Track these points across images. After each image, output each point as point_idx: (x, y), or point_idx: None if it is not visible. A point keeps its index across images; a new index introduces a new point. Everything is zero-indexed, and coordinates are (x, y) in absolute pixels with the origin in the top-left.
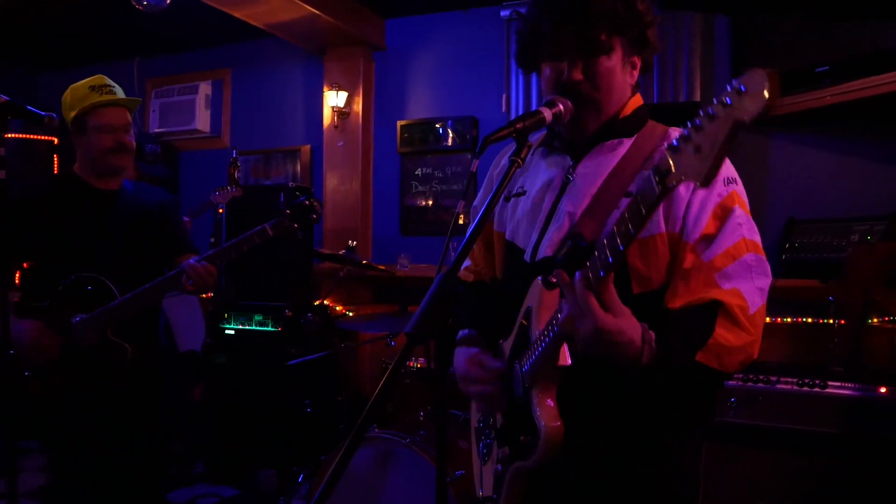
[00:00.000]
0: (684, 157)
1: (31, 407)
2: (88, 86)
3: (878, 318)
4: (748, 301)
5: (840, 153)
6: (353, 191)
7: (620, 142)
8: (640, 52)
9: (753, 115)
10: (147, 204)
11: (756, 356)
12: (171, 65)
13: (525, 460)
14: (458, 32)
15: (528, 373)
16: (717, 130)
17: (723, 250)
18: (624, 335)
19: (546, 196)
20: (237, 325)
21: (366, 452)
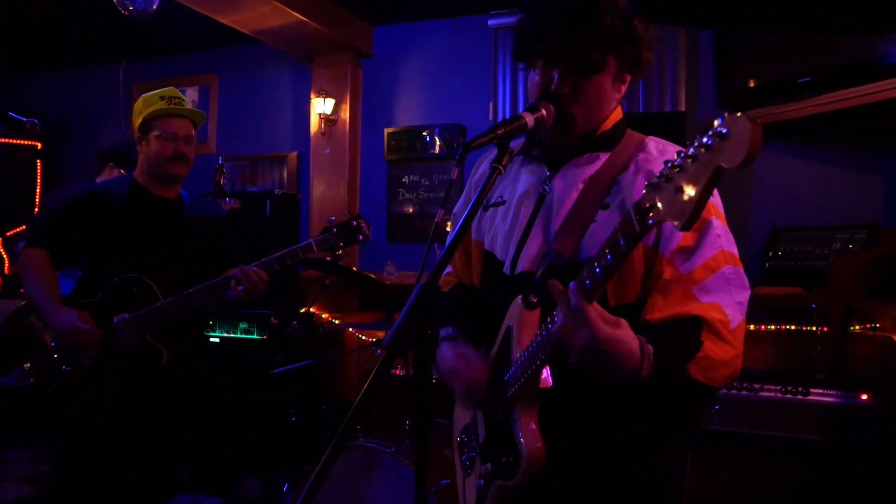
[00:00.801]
0: (665, 196)
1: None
2: (160, 95)
3: (861, 326)
4: (729, 316)
5: (822, 162)
6: (339, 198)
7: (597, 156)
8: (633, 71)
9: (736, 164)
10: (201, 216)
11: (739, 371)
12: (157, 70)
13: (507, 480)
14: (445, 40)
15: (509, 393)
16: (699, 173)
17: (701, 262)
18: (623, 345)
19: (522, 208)
20: (222, 332)
21: (351, 461)
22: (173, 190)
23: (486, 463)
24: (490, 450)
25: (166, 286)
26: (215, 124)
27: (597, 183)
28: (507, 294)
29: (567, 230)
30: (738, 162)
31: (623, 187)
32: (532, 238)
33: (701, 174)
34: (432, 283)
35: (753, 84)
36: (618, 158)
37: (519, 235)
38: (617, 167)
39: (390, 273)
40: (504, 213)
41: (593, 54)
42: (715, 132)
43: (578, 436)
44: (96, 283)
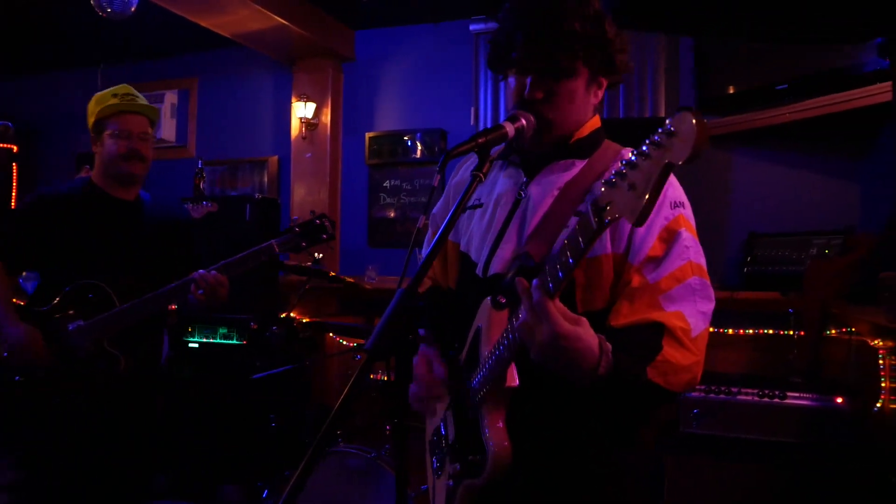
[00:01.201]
0: (620, 193)
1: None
2: (112, 93)
3: (836, 330)
4: (690, 324)
5: (799, 169)
6: (320, 202)
7: (573, 163)
8: (608, 74)
9: (683, 159)
10: (162, 218)
11: (699, 379)
12: (136, 73)
13: (474, 478)
14: (427, 45)
15: (477, 392)
16: (649, 170)
17: (668, 273)
18: (581, 342)
19: (498, 212)
20: (201, 337)
21: (331, 466)
22: (132, 191)
23: (454, 463)
24: (459, 449)
25: (124, 291)
26: (195, 128)
27: (571, 190)
28: (480, 295)
29: (539, 235)
30: (684, 157)
31: None
32: (506, 241)
33: (651, 171)
34: (414, 287)
35: (732, 90)
36: (594, 167)
37: (493, 238)
38: (592, 175)
39: (371, 278)
40: (480, 216)
41: (562, 59)
42: (664, 130)
43: (543, 435)
44: (53, 290)
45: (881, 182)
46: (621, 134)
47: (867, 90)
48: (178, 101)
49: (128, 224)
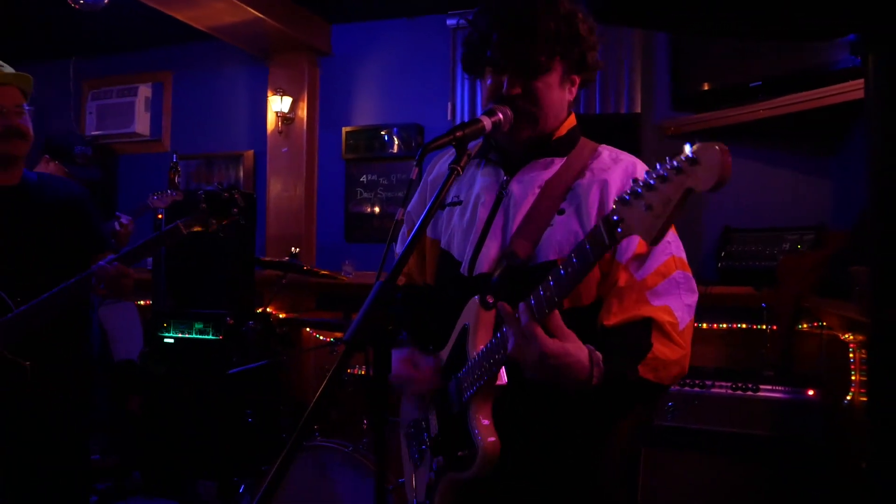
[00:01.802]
0: (635, 212)
1: None
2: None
3: (808, 324)
4: (678, 317)
5: (773, 165)
6: (297, 197)
7: (552, 161)
8: (580, 72)
9: (707, 187)
10: (53, 199)
11: (687, 370)
12: (109, 66)
13: (461, 472)
14: (404, 40)
15: (465, 390)
16: (669, 193)
17: (654, 269)
18: (571, 357)
19: (479, 210)
20: (176, 333)
21: (309, 461)
22: (13, 174)
23: (437, 456)
24: (442, 443)
25: (20, 291)
26: (170, 121)
27: (553, 188)
28: (465, 294)
29: (523, 233)
30: (709, 186)
31: (579, 193)
32: (490, 240)
33: (672, 195)
34: (392, 279)
35: (707, 87)
36: (573, 164)
37: (476, 237)
38: (572, 173)
39: (348, 272)
40: (461, 213)
41: (537, 56)
42: (686, 157)
43: (530, 431)
44: None
45: (853, 178)
46: (598, 130)
47: (839, 87)
48: (152, 94)
49: (11, 213)
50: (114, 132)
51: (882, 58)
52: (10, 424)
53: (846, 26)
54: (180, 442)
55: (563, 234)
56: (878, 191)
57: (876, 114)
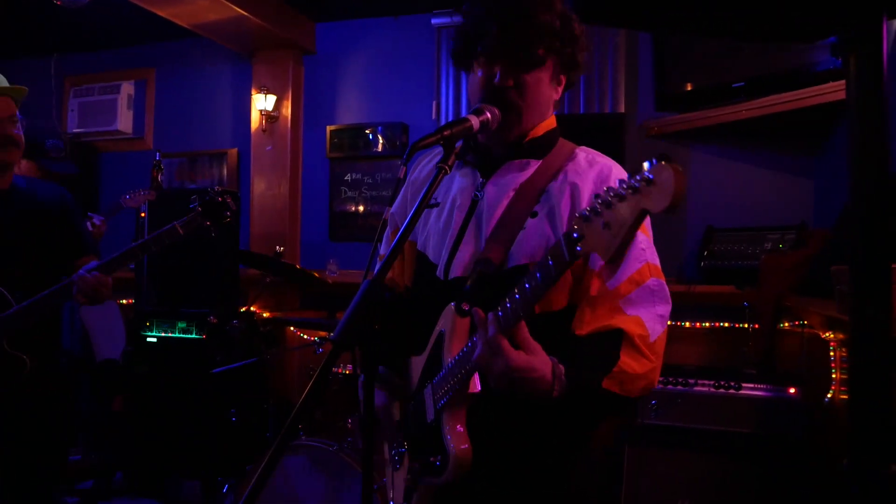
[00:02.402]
0: (594, 229)
1: None
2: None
3: (790, 323)
4: (649, 329)
5: (755, 165)
6: (281, 195)
7: (528, 163)
8: (568, 71)
9: (660, 209)
10: (42, 202)
11: (656, 383)
12: (91, 63)
13: (435, 477)
14: (389, 39)
15: (440, 398)
16: (625, 213)
17: (627, 277)
18: (535, 371)
19: (455, 213)
20: (160, 332)
21: (294, 460)
22: (4, 179)
23: (414, 461)
24: (419, 449)
25: (15, 288)
26: (152, 119)
27: (527, 191)
28: (439, 298)
29: (496, 238)
30: (661, 208)
31: (552, 196)
32: (464, 244)
33: (627, 216)
34: (380, 278)
35: (690, 88)
36: (549, 167)
37: (452, 240)
38: (547, 176)
39: (332, 272)
40: (437, 215)
41: (534, 49)
42: (643, 177)
43: (503, 437)
44: None
45: (834, 178)
46: (582, 129)
47: (821, 88)
48: (134, 91)
49: (4, 214)
50: (96, 130)
51: (863, 59)
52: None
53: (827, 28)
54: (163, 442)
55: (535, 238)
56: (858, 191)
57: (857, 114)
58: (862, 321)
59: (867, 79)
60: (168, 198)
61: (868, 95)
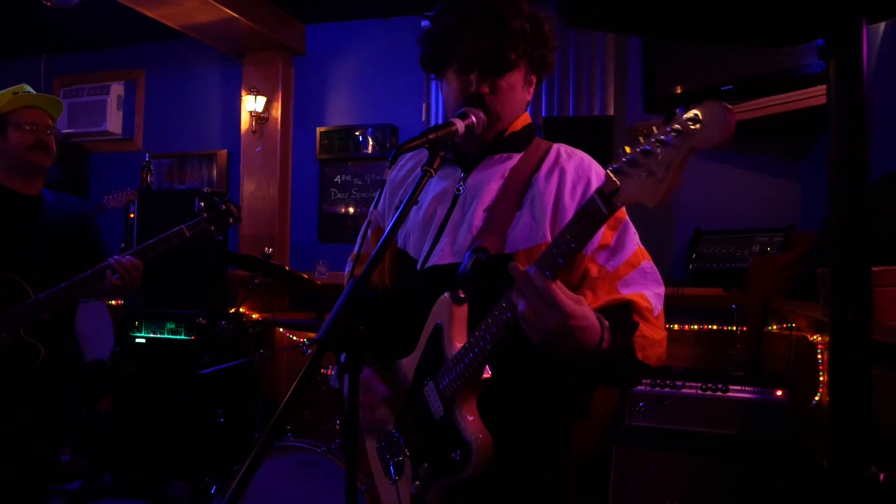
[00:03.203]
0: (634, 179)
1: None
2: (12, 91)
3: (777, 325)
4: (652, 303)
5: (743, 168)
6: (270, 197)
7: (510, 156)
8: (539, 72)
9: (713, 144)
10: (66, 213)
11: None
12: (80, 63)
13: (455, 475)
14: (378, 40)
15: (447, 391)
16: (672, 155)
17: (625, 260)
18: (588, 320)
19: (438, 208)
20: (148, 333)
21: (281, 461)
22: (35, 185)
23: (421, 464)
24: (425, 451)
25: (34, 283)
26: (142, 120)
27: (513, 183)
28: (421, 289)
29: (490, 228)
30: (715, 142)
31: (535, 189)
32: (445, 235)
33: (675, 156)
34: (365, 279)
35: (680, 91)
36: (530, 159)
37: (434, 233)
38: (530, 167)
39: (321, 273)
40: (416, 211)
41: (507, 54)
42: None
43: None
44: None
45: (821, 181)
46: (571, 132)
47: (808, 92)
48: (124, 92)
49: (34, 219)
50: (85, 130)
51: (843, 63)
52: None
53: (809, 32)
54: (152, 442)
55: (523, 230)
56: (838, 195)
57: (836, 120)
58: (842, 324)
59: (847, 84)
60: (158, 199)
61: (847, 101)
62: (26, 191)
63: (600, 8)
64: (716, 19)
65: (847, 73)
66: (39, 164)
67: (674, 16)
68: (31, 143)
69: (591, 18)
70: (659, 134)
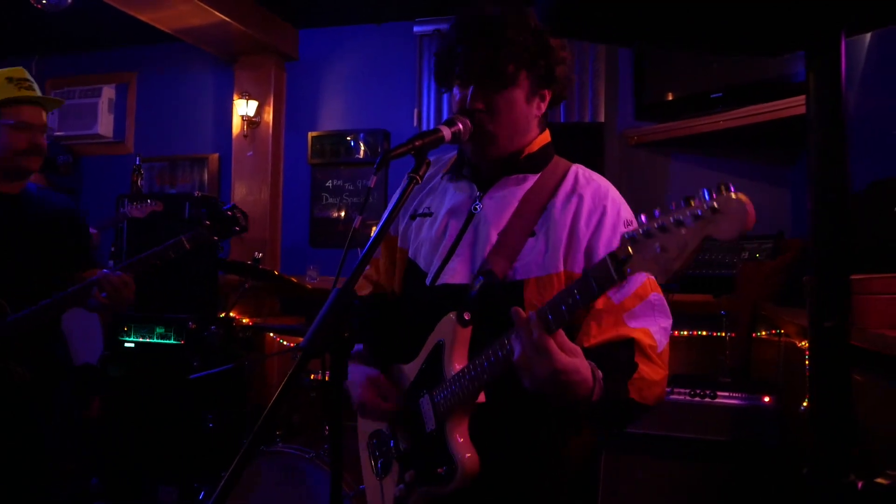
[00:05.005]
0: (647, 252)
1: None
2: (6, 76)
3: (767, 332)
4: (656, 340)
5: (734, 174)
6: (261, 201)
7: (525, 177)
8: (549, 85)
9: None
10: (52, 211)
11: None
12: (72, 65)
13: (439, 487)
14: (371, 46)
15: (442, 407)
16: (687, 238)
17: (632, 292)
18: (579, 374)
19: (451, 224)
20: (137, 337)
21: (270, 467)
22: (20, 184)
23: (408, 469)
24: (413, 458)
25: (12, 295)
26: (133, 123)
27: (528, 208)
28: (428, 305)
29: (499, 252)
30: (731, 236)
31: (551, 216)
32: (458, 254)
33: (689, 241)
34: (349, 286)
35: (671, 97)
36: (546, 182)
37: (446, 250)
38: (546, 192)
39: (312, 277)
40: (430, 225)
41: (502, 67)
42: (708, 205)
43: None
44: None
45: None
46: (562, 138)
47: (798, 100)
48: (115, 95)
49: (13, 219)
50: (76, 133)
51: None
52: None
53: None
54: (141, 447)
55: (534, 256)
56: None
57: (816, 130)
58: (821, 332)
59: (826, 94)
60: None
61: (827, 111)
62: (8, 189)
63: (584, 18)
64: (697, 29)
65: (826, 84)
66: (29, 169)
67: (654, 25)
68: (25, 147)
69: (576, 28)
70: (678, 213)
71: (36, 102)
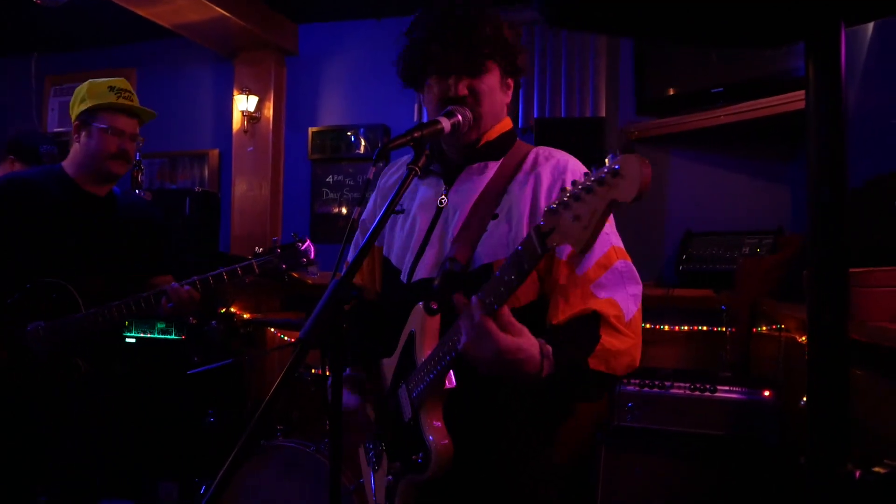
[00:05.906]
0: (564, 222)
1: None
2: (108, 85)
3: (766, 327)
4: (623, 309)
5: (734, 170)
6: (262, 197)
7: (486, 165)
8: (513, 75)
9: (629, 198)
10: (135, 216)
11: (639, 359)
12: (72, 62)
13: (417, 475)
14: (371, 41)
15: (416, 397)
16: (595, 205)
17: (595, 262)
18: (523, 352)
19: (419, 219)
20: (138, 332)
21: (270, 461)
22: (106, 187)
23: (394, 460)
24: (398, 448)
25: (90, 293)
26: None
27: (488, 194)
28: (406, 300)
29: (462, 239)
30: (630, 197)
31: (511, 196)
32: (429, 248)
33: (597, 207)
34: (348, 278)
35: (672, 93)
36: (506, 167)
37: (417, 246)
38: (506, 176)
39: (313, 273)
40: (402, 222)
41: (479, 57)
42: (609, 169)
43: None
44: (10, 283)
45: None
46: (562, 133)
47: (798, 94)
48: None
49: (100, 222)
50: None
51: (820, 67)
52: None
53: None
54: (141, 442)
55: (496, 239)
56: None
57: (814, 124)
58: (820, 325)
59: (825, 86)
60: None
61: (826, 103)
62: (96, 191)
63: (582, 8)
64: (694, 21)
65: (826, 75)
66: (116, 174)
67: (650, 17)
68: (114, 151)
69: (573, 19)
70: (587, 181)
71: (130, 111)
